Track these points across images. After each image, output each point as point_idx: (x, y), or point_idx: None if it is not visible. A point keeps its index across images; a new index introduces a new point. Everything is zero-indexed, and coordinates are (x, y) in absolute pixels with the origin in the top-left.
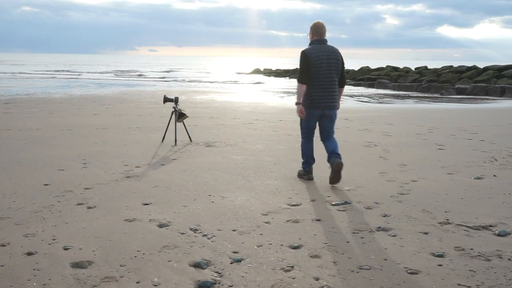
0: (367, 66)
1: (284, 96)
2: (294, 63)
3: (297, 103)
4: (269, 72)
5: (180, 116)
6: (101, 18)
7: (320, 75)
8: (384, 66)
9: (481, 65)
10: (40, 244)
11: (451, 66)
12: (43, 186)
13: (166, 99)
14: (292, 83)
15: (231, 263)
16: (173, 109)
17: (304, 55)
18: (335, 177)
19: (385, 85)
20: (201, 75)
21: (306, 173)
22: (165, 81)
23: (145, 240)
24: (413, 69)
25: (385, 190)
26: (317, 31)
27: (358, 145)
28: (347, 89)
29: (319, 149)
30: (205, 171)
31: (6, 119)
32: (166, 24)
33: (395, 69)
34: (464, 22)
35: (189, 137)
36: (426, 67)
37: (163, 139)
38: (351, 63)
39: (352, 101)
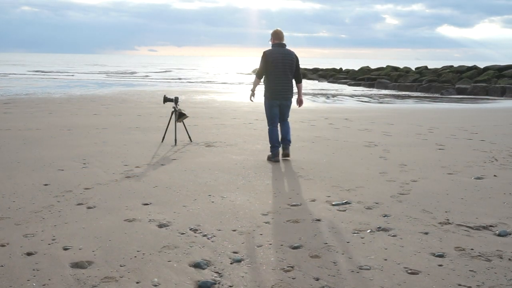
0: (367, 66)
1: None
2: None
3: (251, 90)
4: None
5: (180, 116)
6: (101, 18)
7: (277, 72)
8: (384, 66)
9: (481, 65)
10: (39, 244)
11: (451, 66)
12: (43, 186)
13: (166, 99)
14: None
15: (231, 263)
16: (173, 109)
17: (264, 55)
18: (283, 157)
19: (385, 85)
20: (201, 75)
21: (273, 156)
22: (165, 81)
23: (145, 240)
24: (413, 69)
25: (385, 190)
26: (277, 36)
27: (358, 145)
28: (348, 89)
29: (320, 150)
30: (205, 171)
31: (6, 119)
32: (166, 24)
33: (395, 69)
34: (464, 22)
35: (189, 137)
36: (426, 67)
37: (163, 139)
38: (351, 63)
39: (352, 101)
